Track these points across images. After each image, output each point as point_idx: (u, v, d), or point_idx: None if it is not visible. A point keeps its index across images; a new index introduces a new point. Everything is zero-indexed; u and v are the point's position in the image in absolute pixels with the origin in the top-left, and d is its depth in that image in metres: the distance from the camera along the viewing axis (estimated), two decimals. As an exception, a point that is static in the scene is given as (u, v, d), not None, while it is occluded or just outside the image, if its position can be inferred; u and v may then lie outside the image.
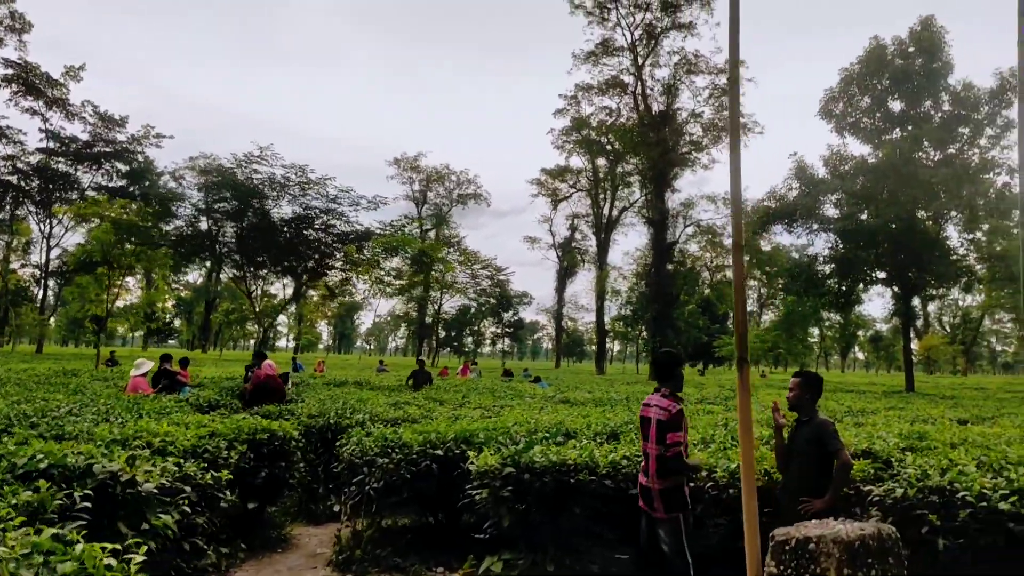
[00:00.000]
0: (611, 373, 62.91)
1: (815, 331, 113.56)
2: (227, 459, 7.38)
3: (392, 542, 8.42)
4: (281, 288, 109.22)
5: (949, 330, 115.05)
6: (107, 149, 56.37)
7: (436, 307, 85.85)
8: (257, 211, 38.99)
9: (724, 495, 6.65)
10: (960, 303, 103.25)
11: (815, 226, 35.44)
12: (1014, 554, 5.42)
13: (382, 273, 32.77)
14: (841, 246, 35.04)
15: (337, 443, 9.22)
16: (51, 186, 56.62)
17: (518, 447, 7.31)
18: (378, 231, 35.33)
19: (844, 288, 36.07)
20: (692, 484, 6.74)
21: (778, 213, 35.77)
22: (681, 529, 6.02)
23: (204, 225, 42.45)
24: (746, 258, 60.34)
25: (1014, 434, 11.33)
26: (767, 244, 67.57)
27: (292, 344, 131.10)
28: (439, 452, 8.09)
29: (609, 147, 60.66)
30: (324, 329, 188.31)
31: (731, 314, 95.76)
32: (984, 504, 5.67)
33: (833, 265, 35.46)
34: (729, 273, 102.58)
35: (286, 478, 8.97)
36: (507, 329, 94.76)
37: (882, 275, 35.61)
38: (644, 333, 65.29)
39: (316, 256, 39.47)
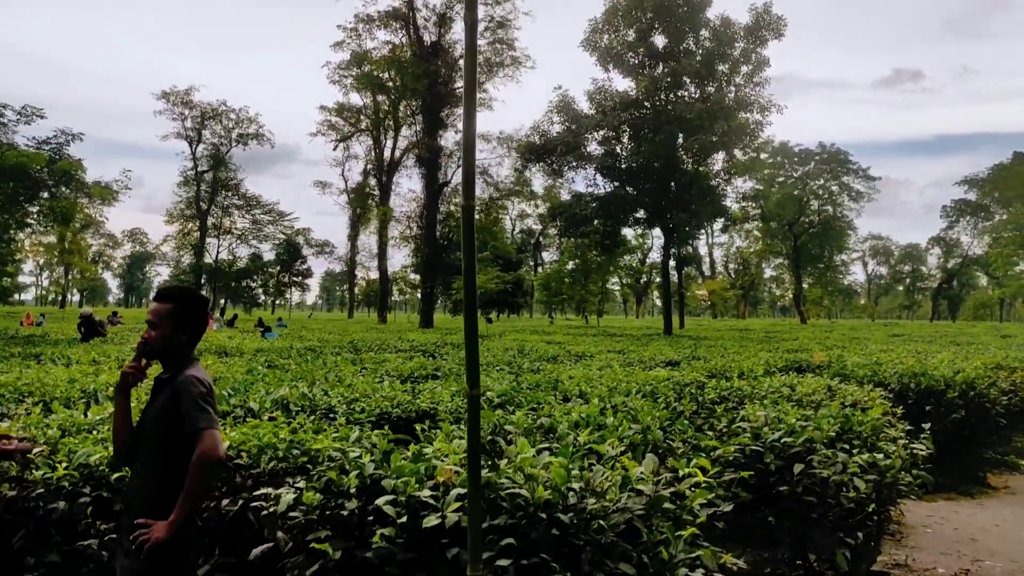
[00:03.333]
0: (398, 323, 60.22)
1: (614, 279, 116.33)
2: None
3: None
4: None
5: (734, 276, 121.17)
6: None
7: (215, 254, 79.54)
8: None
9: (55, 511, 3.79)
10: (738, 248, 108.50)
11: (575, 163, 33.88)
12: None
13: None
14: (603, 185, 33.77)
15: None
16: None
17: None
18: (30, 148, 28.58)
19: (607, 229, 34.88)
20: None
21: (541, 149, 33.89)
22: None
23: None
24: (522, 203, 58.92)
25: (691, 377, 9.44)
26: (563, 189, 66.69)
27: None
28: None
29: (391, 84, 56.89)
30: (113, 281, 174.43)
31: (525, 261, 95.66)
32: (404, 520, 3.20)
33: (595, 205, 34.10)
34: (530, 222, 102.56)
35: None
36: (295, 279, 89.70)
37: (643, 215, 34.67)
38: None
39: None
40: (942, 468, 9.51)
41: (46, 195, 22.78)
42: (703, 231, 36.64)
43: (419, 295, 52.01)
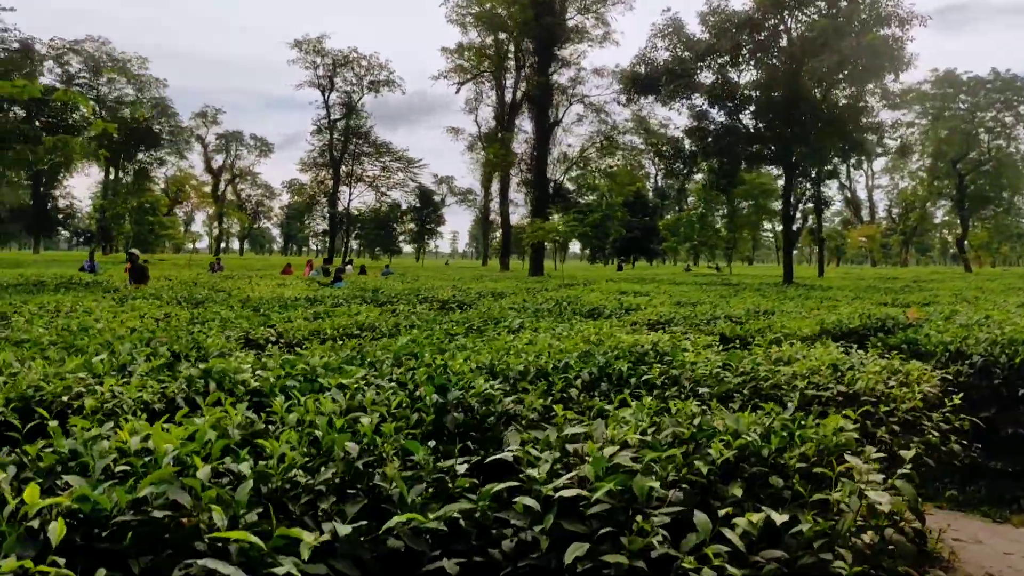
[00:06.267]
0: (515, 269, 58.67)
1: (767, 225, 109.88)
2: None
3: None
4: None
5: (896, 220, 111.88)
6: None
7: (347, 202, 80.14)
8: None
9: None
10: (901, 189, 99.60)
11: (684, 94, 30.31)
12: None
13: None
14: (716, 117, 30.17)
15: None
16: None
17: None
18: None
19: (722, 166, 31.26)
20: None
21: (646, 79, 30.59)
22: None
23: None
24: (625, 136, 55.26)
25: (684, 344, 6.94)
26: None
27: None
28: None
29: (510, 21, 54.39)
30: (275, 230, 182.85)
31: (660, 206, 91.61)
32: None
33: (709, 139, 30.55)
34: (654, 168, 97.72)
35: None
36: (428, 226, 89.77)
37: (765, 151, 30.77)
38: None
39: None
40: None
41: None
42: (839, 167, 32.41)
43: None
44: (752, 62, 29.86)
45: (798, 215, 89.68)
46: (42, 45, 69.14)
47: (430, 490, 2.73)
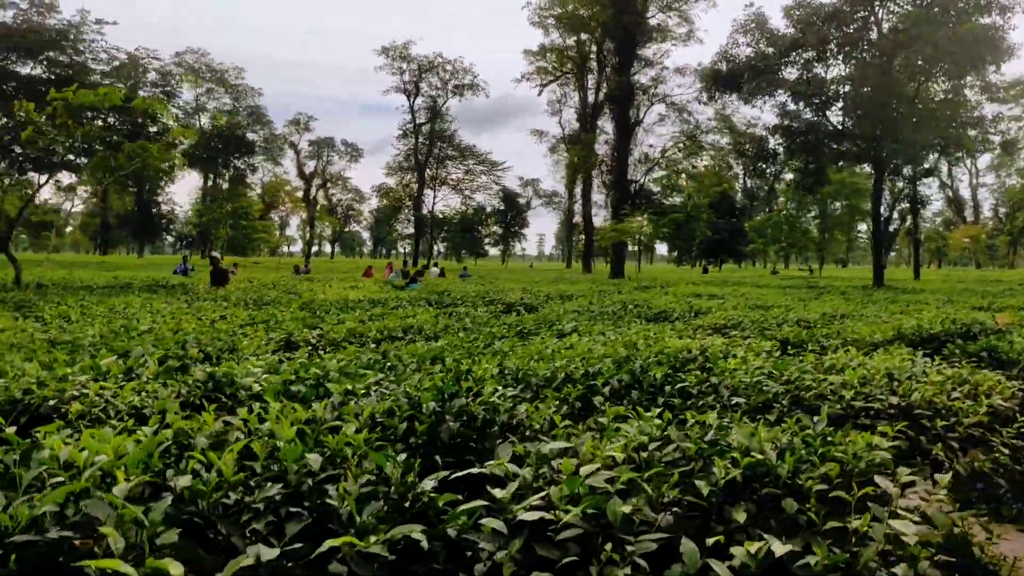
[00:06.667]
0: (598, 271, 58.10)
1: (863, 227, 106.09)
2: None
3: None
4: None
5: (1004, 220, 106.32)
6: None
7: (431, 205, 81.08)
8: None
9: None
10: (1003, 187, 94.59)
11: (767, 90, 29.26)
12: None
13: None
14: (803, 113, 29.04)
15: None
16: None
17: None
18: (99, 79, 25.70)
19: (808, 165, 30.09)
20: None
21: (727, 76, 29.74)
22: None
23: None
24: (711, 136, 53.90)
25: (737, 349, 6.62)
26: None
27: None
28: None
29: (592, 22, 53.99)
30: (365, 234, 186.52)
31: (749, 207, 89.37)
32: None
33: (792, 137, 29.44)
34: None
35: None
36: (512, 229, 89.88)
37: (853, 149, 29.49)
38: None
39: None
40: None
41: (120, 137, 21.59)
42: (938, 165, 30.96)
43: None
44: (840, 56, 28.69)
45: (895, 215, 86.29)
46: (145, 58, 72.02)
47: (385, 508, 2.51)
